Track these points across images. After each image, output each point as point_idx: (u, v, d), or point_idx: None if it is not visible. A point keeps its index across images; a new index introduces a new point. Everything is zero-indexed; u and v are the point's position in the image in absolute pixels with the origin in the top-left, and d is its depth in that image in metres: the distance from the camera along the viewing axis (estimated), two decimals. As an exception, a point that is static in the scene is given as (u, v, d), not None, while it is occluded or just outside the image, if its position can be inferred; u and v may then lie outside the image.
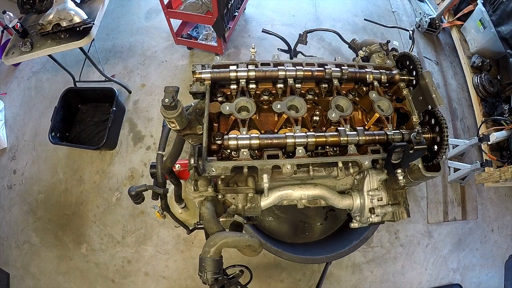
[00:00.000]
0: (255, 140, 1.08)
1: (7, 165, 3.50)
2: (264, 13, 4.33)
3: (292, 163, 1.07)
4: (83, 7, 2.92)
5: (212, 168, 1.04)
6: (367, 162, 1.12)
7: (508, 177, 2.59)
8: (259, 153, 1.17)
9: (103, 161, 3.42)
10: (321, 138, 1.13)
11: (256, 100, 1.29)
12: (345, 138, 1.14)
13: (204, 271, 0.92)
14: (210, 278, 0.91)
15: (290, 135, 1.11)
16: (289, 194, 1.16)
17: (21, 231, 3.20)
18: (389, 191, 1.28)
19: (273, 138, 1.11)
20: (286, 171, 1.06)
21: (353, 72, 1.34)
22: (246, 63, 1.30)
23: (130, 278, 2.98)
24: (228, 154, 1.16)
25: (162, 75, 3.86)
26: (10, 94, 3.92)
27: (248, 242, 0.98)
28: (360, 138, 1.15)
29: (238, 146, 1.08)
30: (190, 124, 1.17)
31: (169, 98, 0.99)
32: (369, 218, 1.20)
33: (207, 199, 1.08)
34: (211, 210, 1.02)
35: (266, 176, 1.06)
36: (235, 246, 1.00)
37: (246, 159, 1.07)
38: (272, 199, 1.15)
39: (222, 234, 0.98)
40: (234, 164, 1.05)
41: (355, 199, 1.23)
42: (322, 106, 1.33)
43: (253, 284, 1.33)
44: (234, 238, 0.97)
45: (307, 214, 2.19)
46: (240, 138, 1.08)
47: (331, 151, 1.20)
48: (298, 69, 1.27)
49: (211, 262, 0.93)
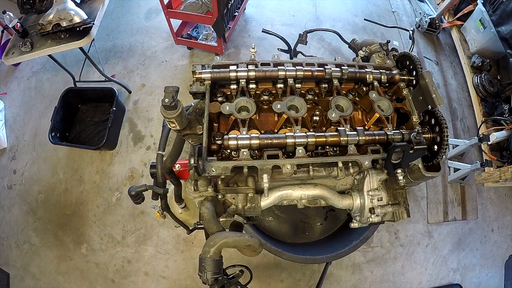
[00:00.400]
0: (255, 140, 1.08)
1: (7, 165, 3.50)
2: (264, 13, 4.33)
3: (292, 163, 1.07)
4: (83, 7, 2.92)
5: (212, 168, 1.04)
6: (367, 162, 1.12)
7: (508, 177, 2.59)
8: (259, 153, 1.17)
9: (103, 161, 3.42)
10: (321, 138, 1.13)
11: (256, 100, 1.29)
12: (345, 138, 1.13)
13: (204, 271, 0.92)
14: (210, 278, 0.92)
15: (290, 135, 1.10)
16: (289, 194, 1.16)
17: (21, 231, 3.20)
18: (389, 191, 1.27)
19: (273, 138, 1.11)
20: (286, 171, 1.05)
21: (353, 72, 1.33)
22: (246, 63, 1.30)
23: (130, 278, 2.98)
24: (228, 154, 1.16)
25: (162, 75, 3.86)
26: (10, 94, 3.91)
27: (248, 242, 0.98)
28: (360, 138, 1.15)
29: (238, 146, 1.08)
30: (190, 124, 1.17)
31: (169, 98, 0.99)
32: (369, 218, 1.20)
33: (207, 199, 1.08)
34: (211, 210, 1.02)
35: (266, 176, 1.06)
36: (235, 246, 1.00)
37: (246, 159, 1.07)
38: (272, 199, 1.15)
39: (222, 234, 0.98)
40: (234, 164, 1.04)
41: (355, 199, 1.23)
42: (322, 106, 1.33)
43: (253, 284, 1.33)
44: (234, 238, 0.97)
45: (307, 214, 2.19)
46: (240, 138, 1.08)
47: (331, 151, 1.20)
48: (298, 69, 1.27)
49: (211, 262, 0.93)
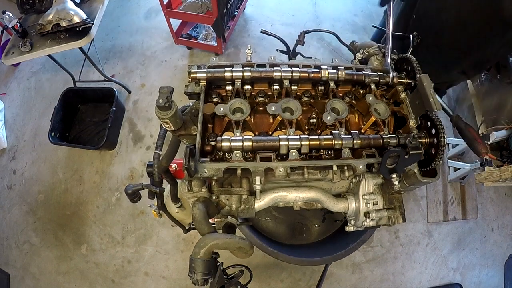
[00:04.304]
0: (248, 142, 1.07)
1: (7, 165, 3.51)
2: (263, 13, 4.32)
3: (285, 166, 1.06)
4: (83, 7, 2.92)
5: (204, 169, 1.04)
6: (361, 166, 1.11)
7: (508, 176, 2.57)
8: (252, 155, 1.16)
9: (103, 161, 3.43)
10: (315, 141, 1.11)
11: (252, 102, 1.28)
12: (339, 141, 1.12)
13: (194, 271, 0.92)
14: (200, 279, 0.92)
15: (283, 138, 1.09)
16: (283, 196, 1.15)
17: (21, 231, 3.22)
18: (385, 195, 1.25)
19: (265, 141, 1.10)
20: (279, 174, 1.05)
21: (350, 74, 1.31)
22: (242, 64, 1.29)
23: (130, 278, 2.99)
24: (221, 156, 1.15)
25: (162, 75, 3.86)
26: (10, 94, 3.93)
27: (238, 244, 0.99)
28: (354, 141, 1.13)
29: (231, 148, 1.07)
30: (185, 124, 1.17)
31: (163, 99, 0.99)
32: (364, 222, 1.17)
33: (199, 200, 1.08)
34: (202, 211, 1.02)
35: (258, 178, 1.05)
36: (225, 248, 1.01)
37: (239, 161, 1.06)
38: (266, 201, 1.14)
39: (212, 235, 0.98)
40: (226, 165, 1.04)
41: (350, 202, 1.20)
42: (318, 108, 1.32)
43: (253, 284, 1.33)
44: (224, 240, 0.97)
45: (305, 216, 2.18)
46: (233, 140, 1.07)
47: (325, 154, 1.19)
48: (294, 71, 1.26)
49: (201, 263, 0.93)
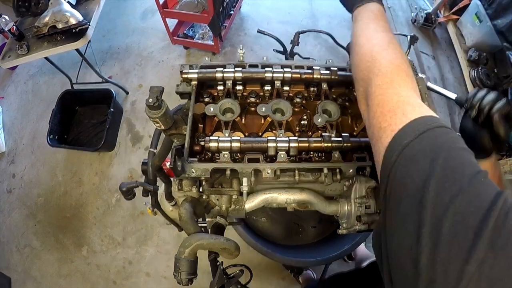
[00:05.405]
0: (236, 143, 1.07)
1: (6, 169, 3.53)
2: (260, 11, 4.31)
3: (272, 167, 1.05)
4: (79, 9, 2.92)
5: (192, 169, 1.03)
6: (351, 170, 1.08)
7: (507, 169, 2.58)
8: (241, 156, 1.16)
9: (102, 162, 3.44)
10: (304, 143, 1.10)
11: (243, 102, 1.27)
12: (329, 144, 1.10)
13: (178, 271, 0.92)
14: (184, 278, 0.92)
15: (271, 139, 1.08)
16: (274, 198, 1.13)
17: (21, 235, 3.23)
18: (378, 199, 1.18)
19: (253, 142, 1.09)
20: (266, 176, 1.04)
21: (343, 75, 1.28)
22: (234, 64, 1.29)
23: (132, 279, 3.00)
24: (211, 156, 1.15)
25: (159, 75, 3.86)
26: (7, 98, 3.94)
27: (223, 245, 0.99)
28: (345, 144, 1.10)
29: (219, 148, 1.07)
30: (176, 123, 1.16)
31: (153, 98, 0.99)
32: (356, 226, 1.14)
33: (187, 200, 1.08)
34: (189, 211, 1.02)
35: (246, 179, 1.04)
36: (210, 248, 1.01)
37: (226, 161, 1.06)
38: (256, 202, 1.13)
39: (197, 235, 0.98)
40: (214, 166, 1.03)
41: (342, 205, 1.16)
42: (311, 110, 1.29)
43: (253, 283, 1.32)
44: (209, 240, 0.97)
45: (301, 216, 2.16)
46: (221, 141, 1.07)
47: (315, 156, 1.16)
48: (286, 71, 1.24)
49: (185, 262, 0.93)
